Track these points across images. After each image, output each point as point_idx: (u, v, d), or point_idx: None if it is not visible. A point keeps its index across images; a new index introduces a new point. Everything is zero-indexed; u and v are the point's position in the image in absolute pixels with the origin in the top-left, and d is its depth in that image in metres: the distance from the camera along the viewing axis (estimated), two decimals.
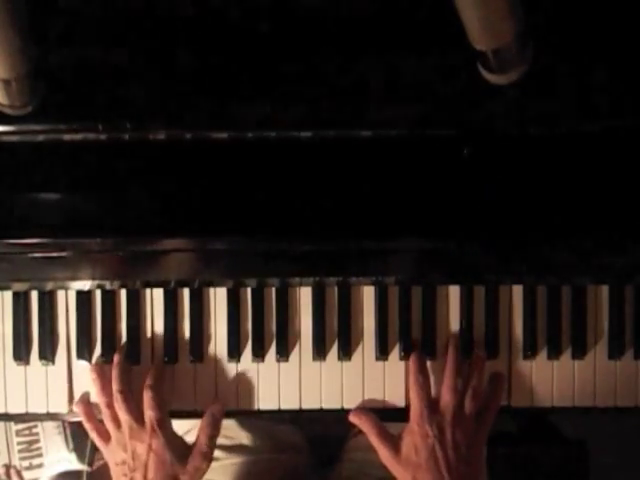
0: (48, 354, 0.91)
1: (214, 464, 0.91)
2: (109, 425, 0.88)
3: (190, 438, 0.94)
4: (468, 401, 0.86)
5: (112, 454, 0.88)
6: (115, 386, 0.88)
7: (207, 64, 0.78)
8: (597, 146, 0.81)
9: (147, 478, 0.85)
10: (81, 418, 0.90)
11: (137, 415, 0.87)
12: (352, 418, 0.89)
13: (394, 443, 0.87)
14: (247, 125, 0.79)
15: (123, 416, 0.87)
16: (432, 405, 0.86)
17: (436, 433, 0.84)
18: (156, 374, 0.89)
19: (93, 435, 0.90)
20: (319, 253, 0.85)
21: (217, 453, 0.97)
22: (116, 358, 0.89)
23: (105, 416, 0.88)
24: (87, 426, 0.90)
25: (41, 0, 0.76)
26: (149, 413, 0.86)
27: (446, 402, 0.86)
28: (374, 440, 0.88)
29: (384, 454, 0.87)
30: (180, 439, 0.89)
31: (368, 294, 0.91)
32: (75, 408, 0.91)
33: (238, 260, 0.86)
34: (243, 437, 1.02)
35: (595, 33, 0.77)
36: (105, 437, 0.89)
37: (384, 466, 0.88)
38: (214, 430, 0.88)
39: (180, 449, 0.87)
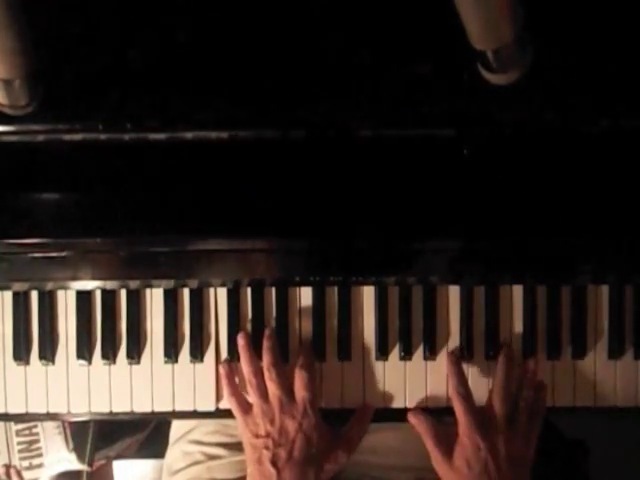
0: (48, 354, 0.91)
1: (217, 462, 0.91)
2: (255, 394, 0.87)
3: (192, 436, 0.94)
4: (521, 413, 0.86)
5: (254, 426, 0.87)
6: (268, 358, 0.87)
7: (207, 64, 0.78)
8: (597, 146, 0.81)
9: (292, 456, 0.84)
10: (223, 380, 0.89)
11: (288, 391, 0.86)
12: (410, 418, 0.89)
13: (448, 449, 0.86)
14: (247, 125, 0.79)
15: (275, 390, 0.86)
16: (479, 415, 0.85)
17: (488, 445, 0.83)
18: (308, 356, 0.88)
19: (232, 401, 0.88)
20: (319, 253, 0.85)
21: (221, 451, 0.97)
22: (268, 331, 0.89)
23: (251, 385, 0.87)
24: (227, 391, 0.89)
25: (41, 0, 0.76)
26: (302, 393, 0.86)
27: (498, 412, 0.85)
28: (429, 443, 0.87)
29: (437, 459, 0.86)
30: (327, 427, 0.88)
31: (368, 294, 0.91)
32: (220, 368, 0.89)
33: (238, 260, 0.86)
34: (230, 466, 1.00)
35: (595, 33, 0.78)
36: (244, 406, 0.88)
37: (389, 468, 0.88)
38: (364, 426, 0.89)
39: (326, 436, 0.87)
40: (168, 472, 1.04)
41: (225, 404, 0.91)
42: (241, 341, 0.89)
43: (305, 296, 0.91)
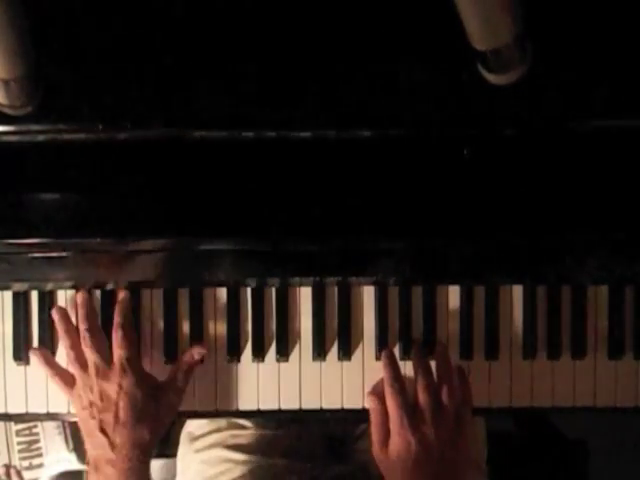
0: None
1: (242, 431, 0.91)
2: (74, 367, 0.86)
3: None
4: (445, 397, 0.85)
5: (78, 398, 0.85)
6: (82, 325, 0.86)
7: (207, 64, 0.79)
8: (597, 146, 0.81)
9: (119, 418, 0.83)
10: (40, 366, 0.88)
11: (104, 355, 0.85)
12: (367, 398, 0.88)
13: (386, 441, 0.85)
14: (246, 125, 0.79)
15: (90, 356, 0.85)
16: (409, 410, 0.84)
17: (419, 438, 0.83)
18: (124, 312, 0.87)
19: (55, 381, 0.87)
20: (319, 253, 0.85)
21: (246, 422, 0.98)
22: (80, 297, 0.88)
23: (70, 358, 0.86)
24: (49, 373, 0.88)
25: (41, 1, 0.76)
26: (118, 352, 0.84)
27: (423, 404, 0.85)
28: (372, 426, 0.86)
29: (375, 445, 0.86)
30: (151, 377, 0.87)
31: (368, 294, 0.91)
32: (31, 355, 0.89)
33: (238, 260, 0.86)
34: (252, 438, 1.01)
35: (595, 33, 0.78)
36: (69, 382, 0.87)
37: None
38: (190, 369, 0.88)
39: (151, 387, 0.85)
40: (189, 438, 1.04)
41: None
42: (56, 315, 0.88)
43: (305, 296, 0.91)
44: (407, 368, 0.90)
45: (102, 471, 0.83)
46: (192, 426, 1.04)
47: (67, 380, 0.87)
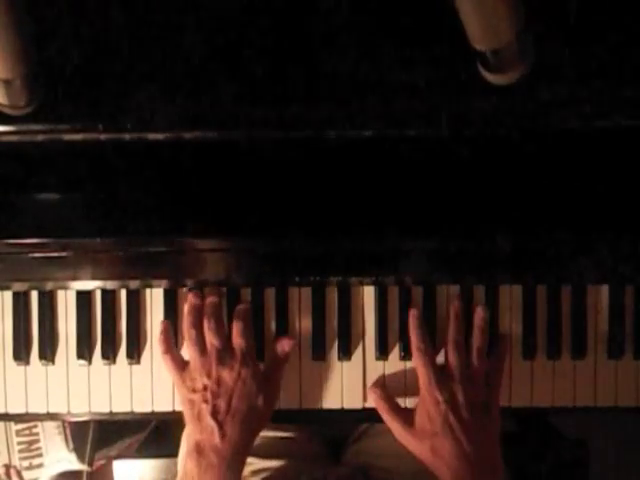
0: (48, 354, 0.91)
1: None
2: (192, 348, 0.85)
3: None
4: (474, 359, 0.85)
5: (190, 381, 0.85)
6: (209, 309, 0.86)
7: (207, 64, 0.78)
8: (597, 146, 0.81)
9: (232, 406, 0.83)
10: (160, 336, 0.88)
11: (226, 342, 0.85)
12: (368, 392, 0.89)
13: (406, 416, 0.86)
14: (246, 125, 0.79)
15: (212, 339, 0.85)
16: (439, 371, 0.85)
17: (447, 397, 0.83)
18: (244, 307, 0.88)
19: (166, 358, 0.87)
20: (319, 253, 0.85)
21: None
22: (208, 290, 0.88)
23: (191, 339, 0.85)
24: (162, 348, 0.88)
25: (41, 0, 0.76)
26: (240, 342, 0.85)
27: (452, 362, 0.85)
28: (386, 416, 0.87)
29: (397, 429, 0.86)
30: (263, 373, 0.87)
31: (368, 294, 0.91)
32: (161, 325, 0.89)
33: (238, 260, 0.86)
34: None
35: (595, 33, 0.77)
36: (179, 363, 0.87)
37: (392, 472, 0.88)
38: (283, 364, 0.89)
39: (263, 382, 0.86)
40: None
41: None
42: (190, 295, 0.88)
43: (305, 296, 0.91)
44: (407, 368, 0.90)
45: (206, 456, 0.82)
46: None
47: (177, 361, 0.87)
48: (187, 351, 0.87)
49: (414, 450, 0.85)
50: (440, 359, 0.88)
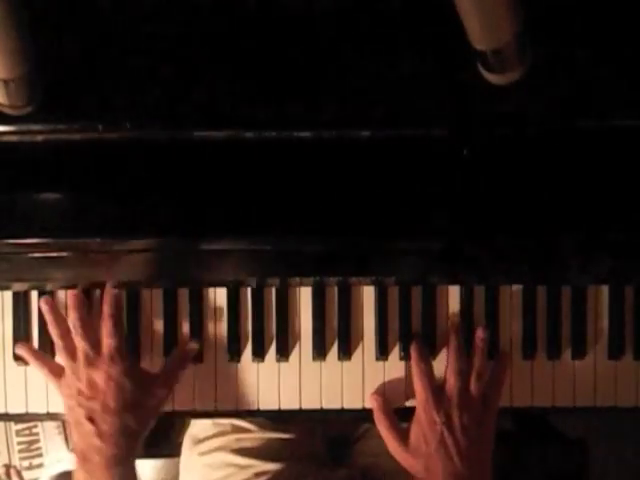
0: (48, 354, 0.91)
1: (247, 434, 0.91)
2: (63, 357, 0.86)
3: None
4: (473, 383, 0.86)
5: (66, 387, 0.85)
6: (73, 314, 0.85)
7: (207, 64, 0.79)
8: (597, 146, 0.81)
9: (106, 406, 0.83)
10: (29, 360, 0.88)
11: (94, 343, 0.85)
12: (370, 399, 0.89)
13: (402, 435, 0.86)
14: (245, 125, 0.79)
15: (80, 343, 0.84)
16: (437, 391, 0.85)
17: (444, 419, 0.83)
18: (115, 303, 0.87)
19: (44, 372, 0.87)
20: (319, 253, 0.85)
21: (251, 426, 0.98)
22: (72, 291, 0.88)
23: (59, 347, 0.86)
24: (37, 365, 0.87)
25: (41, 0, 0.76)
26: (108, 341, 0.84)
27: (451, 385, 0.85)
28: (383, 431, 0.87)
29: (393, 446, 0.86)
30: (140, 368, 0.88)
31: (368, 294, 0.91)
32: (17, 350, 0.89)
33: (238, 260, 0.86)
34: (257, 442, 1.01)
35: (595, 33, 0.78)
36: (57, 373, 0.87)
37: (391, 472, 0.88)
38: (183, 363, 0.88)
39: (140, 377, 0.86)
40: (192, 441, 1.04)
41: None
42: (44, 306, 0.87)
43: (305, 296, 0.91)
44: (407, 368, 0.90)
45: (90, 460, 0.83)
46: (196, 429, 1.04)
47: (55, 371, 0.87)
48: (59, 359, 0.88)
49: (407, 466, 0.86)
50: (439, 363, 0.88)
